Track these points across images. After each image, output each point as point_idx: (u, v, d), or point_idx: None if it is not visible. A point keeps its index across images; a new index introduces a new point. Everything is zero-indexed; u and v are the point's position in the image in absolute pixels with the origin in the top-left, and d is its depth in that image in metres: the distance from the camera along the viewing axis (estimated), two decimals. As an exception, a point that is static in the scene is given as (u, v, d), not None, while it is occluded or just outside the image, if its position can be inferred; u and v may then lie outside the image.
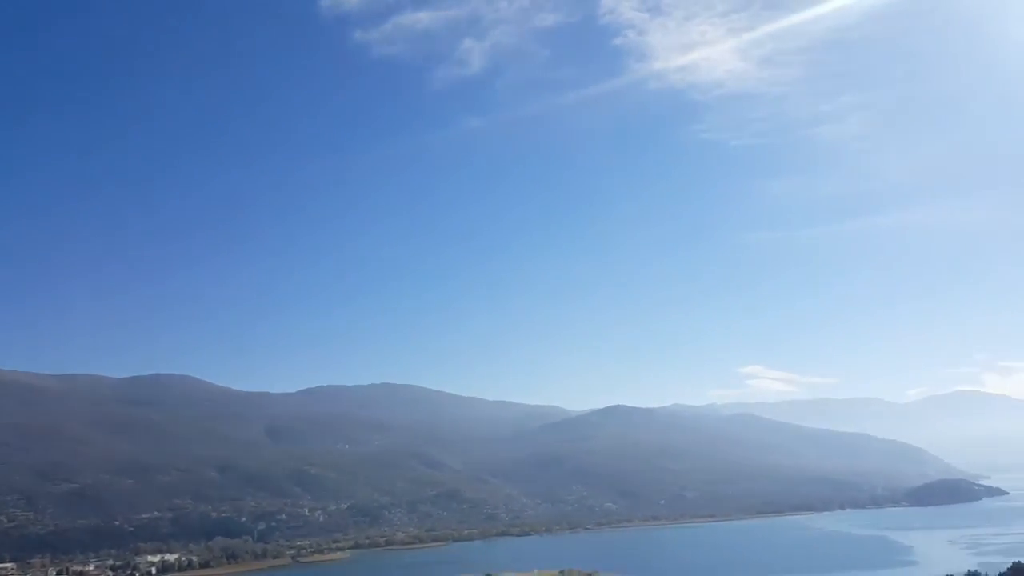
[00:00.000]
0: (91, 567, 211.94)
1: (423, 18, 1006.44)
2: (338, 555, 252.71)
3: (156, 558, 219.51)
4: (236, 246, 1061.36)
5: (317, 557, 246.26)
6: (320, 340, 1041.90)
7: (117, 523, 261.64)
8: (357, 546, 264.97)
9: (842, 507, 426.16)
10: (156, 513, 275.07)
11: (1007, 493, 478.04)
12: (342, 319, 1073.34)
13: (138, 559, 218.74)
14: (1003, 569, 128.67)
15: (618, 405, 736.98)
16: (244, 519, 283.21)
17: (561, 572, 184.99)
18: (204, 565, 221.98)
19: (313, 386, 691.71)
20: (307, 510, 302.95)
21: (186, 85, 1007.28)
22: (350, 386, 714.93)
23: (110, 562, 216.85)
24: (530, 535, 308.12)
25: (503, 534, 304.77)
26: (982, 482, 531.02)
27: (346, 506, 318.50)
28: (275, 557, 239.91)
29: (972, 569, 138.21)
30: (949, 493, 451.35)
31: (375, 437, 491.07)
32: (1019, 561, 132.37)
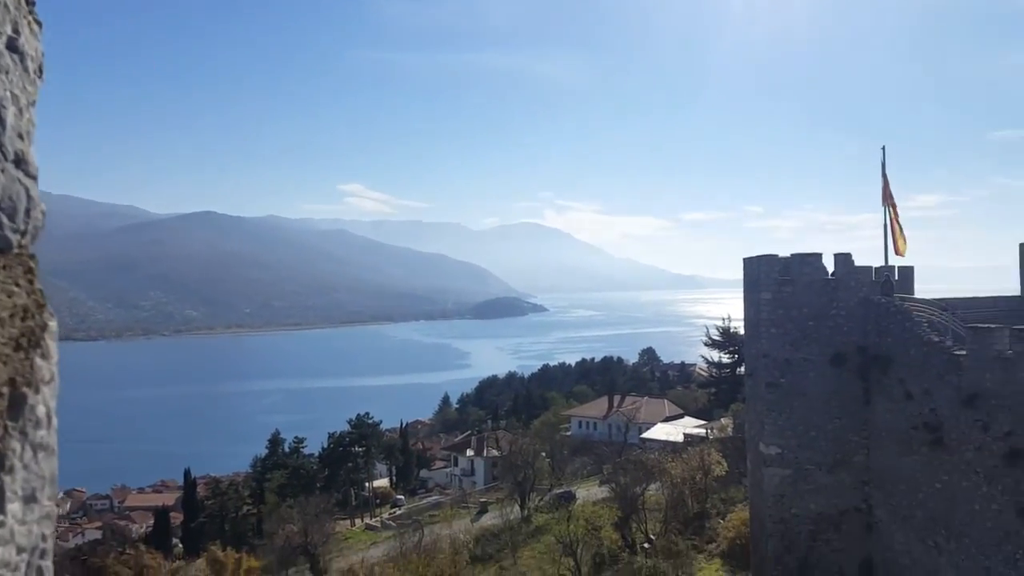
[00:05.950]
0: None
1: None
2: None
3: None
4: None
5: None
6: None
7: None
8: None
9: (417, 319, 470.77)
10: None
11: (547, 309, 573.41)
12: None
13: None
14: (535, 370, 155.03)
15: (208, 211, 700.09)
16: None
17: None
18: None
19: None
20: None
21: None
22: None
23: None
24: (98, 340, 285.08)
25: (66, 339, 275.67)
26: (530, 300, 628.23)
27: None
28: None
29: (512, 370, 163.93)
30: (504, 308, 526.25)
31: None
32: (547, 364, 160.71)
